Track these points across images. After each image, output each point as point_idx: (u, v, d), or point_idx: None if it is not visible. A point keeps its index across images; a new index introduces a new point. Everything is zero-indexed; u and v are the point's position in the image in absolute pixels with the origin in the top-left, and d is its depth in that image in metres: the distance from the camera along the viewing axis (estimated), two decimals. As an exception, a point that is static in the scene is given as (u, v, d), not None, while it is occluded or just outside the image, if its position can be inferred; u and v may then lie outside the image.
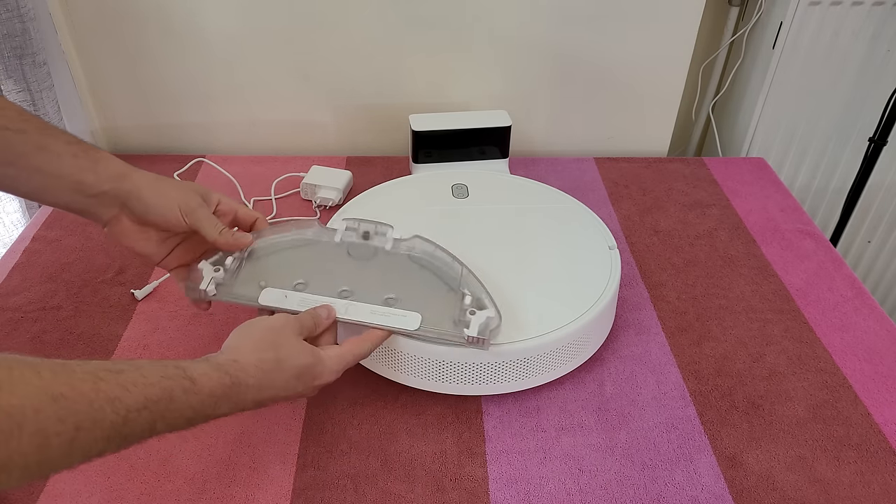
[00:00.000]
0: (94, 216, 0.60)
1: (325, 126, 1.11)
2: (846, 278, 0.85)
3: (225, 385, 0.49)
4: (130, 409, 0.42)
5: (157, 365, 0.46)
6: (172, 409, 0.45)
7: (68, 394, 0.39)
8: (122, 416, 0.42)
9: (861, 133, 1.18)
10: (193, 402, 0.47)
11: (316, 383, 0.55)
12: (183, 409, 0.46)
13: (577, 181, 1.04)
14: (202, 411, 0.48)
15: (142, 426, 0.43)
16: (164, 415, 0.45)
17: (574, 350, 0.67)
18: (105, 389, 0.41)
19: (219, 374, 0.49)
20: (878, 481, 0.61)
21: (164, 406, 0.44)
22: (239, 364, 0.51)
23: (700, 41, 1.09)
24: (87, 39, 1.01)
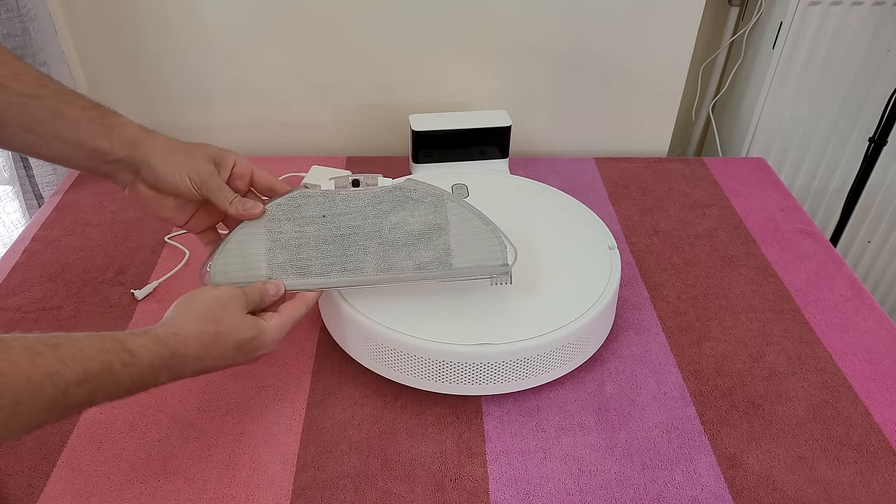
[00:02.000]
0: (114, 180, 0.61)
1: (325, 126, 1.11)
2: (846, 278, 0.85)
3: (164, 357, 0.50)
4: (70, 383, 0.43)
5: (94, 338, 0.46)
6: (112, 382, 0.46)
7: (7, 370, 0.40)
8: (61, 389, 0.42)
9: (861, 133, 1.18)
10: (133, 374, 0.48)
11: (256, 354, 0.57)
12: (122, 380, 0.47)
13: (577, 181, 1.04)
14: (141, 381, 0.49)
15: (81, 398, 0.44)
16: (104, 387, 0.46)
17: (574, 350, 0.67)
18: (43, 364, 0.42)
19: (157, 347, 0.49)
20: (878, 481, 0.61)
21: (103, 379, 0.45)
22: (179, 337, 0.51)
23: (700, 41, 1.09)
24: (87, 39, 1.01)
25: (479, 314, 0.66)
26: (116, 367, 0.46)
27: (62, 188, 0.99)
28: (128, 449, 0.63)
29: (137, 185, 0.61)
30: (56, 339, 0.44)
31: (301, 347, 0.73)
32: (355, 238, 0.63)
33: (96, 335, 0.47)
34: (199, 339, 0.53)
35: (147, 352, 0.49)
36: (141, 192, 0.62)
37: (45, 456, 0.62)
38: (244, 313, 0.56)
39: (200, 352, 0.53)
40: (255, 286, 0.60)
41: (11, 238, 0.95)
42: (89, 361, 0.45)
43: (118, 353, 0.47)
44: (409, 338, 0.63)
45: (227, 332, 0.54)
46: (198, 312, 0.54)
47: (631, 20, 1.02)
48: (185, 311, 0.55)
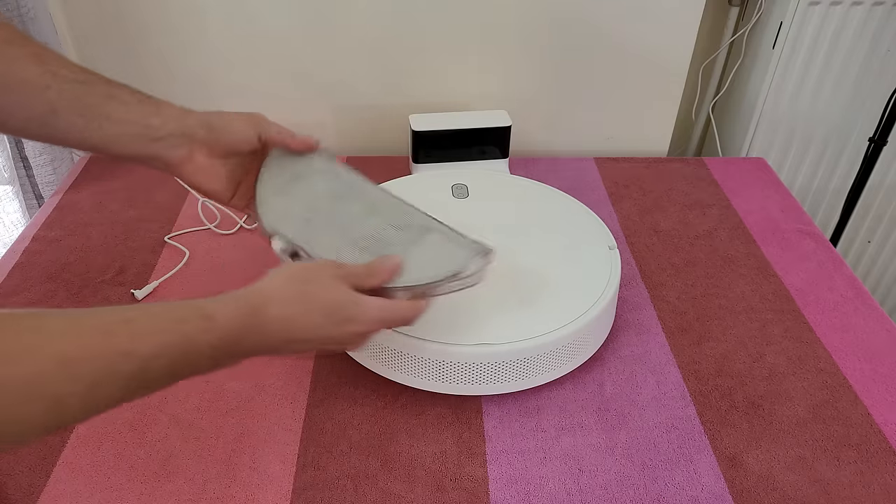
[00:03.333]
0: (164, 160, 0.60)
1: (325, 126, 1.11)
2: (846, 278, 0.85)
3: (244, 315, 0.47)
4: (146, 359, 0.41)
5: (170, 308, 0.44)
6: (192, 352, 0.44)
7: (78, 354, 0.38)
8: (137, 366, 0.41)
9: (861, 133, 1.18)
10: (213, 341, 0.45)
11: (350, 328, 0.51)
12: (203, 349, 0.44)
13: (577, 181, 1.04)
14: (223, 349, 0.46)
15: (161, 372, 0.42)
16: (185, 359, 0.44)
17: (574, 350, 0.67)
18: (116, 343, 0.40)
19: (236, 305, 0.47)
20: (878, 481, 0.61)
21: (182, 350, 0.43)
22: (261, 293, 0.48)
23: (700, 41, 1.09)
24: (87, 39, 1.01)
25: (479, 314, 0.66)
26: (195, 336, 0.44)
27: (62, 188, 0.99)
28: (128, 449, 0.63)
29: (192, 157, 0.60)
30: (130, 312, 0.42)
31: (301, 347, 0.73)
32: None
33: (173, 304, 0.45)
34: (284, 296, 0.49)
35: (226, 314, 0.46)
36: (195, 165, 0.61)
37: (45, 456, 0.62)
38: (337, 279, 0.51)
39: (285, 311, 0.49)
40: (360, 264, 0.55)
41: (11, 238, 0.95)
42: (165, 333, 0.42)
43: (196, 320, 0.44)
44: (409, 338, 0.63)
45: (314, 291, 0.50)
46: (286, 275, 0.51)
47: (631, 20, 1.02)
48: (274, 274, 0.51)
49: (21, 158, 0.96)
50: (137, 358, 0.41)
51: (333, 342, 0.52)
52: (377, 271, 0.54)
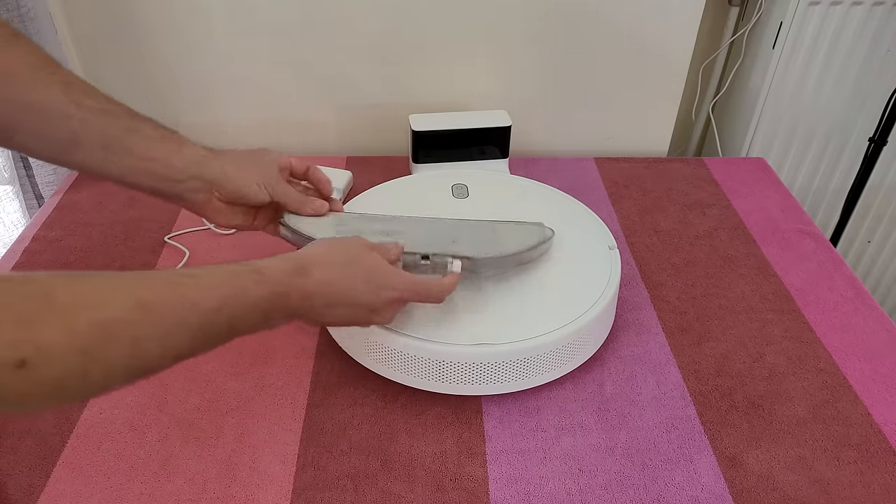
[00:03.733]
0: (185, 201, 0.63)
1: (325, 126, 1.11)
2: (846, 278, 0.85)
3: (291, 272, 0.50)
4: (209, 311, 0.44)
5: (225, 266, 0.48)
6: (247, 305, 0.47)
7: (154, 300, 0.41)
8: (203, 319, 0.44)
9: (861, 133, 1.18)
10: (264, 293, 0.48)
11: (387, 294, 0.55)
12: (256, 301, 0.47)
13: (577, 181, 1.04)
14: (273, 302, 0.49)
15: (221, 326, 0.45)
16: (241, 312, 0.47)
17: (574, 350, 0.67)
18: (185, 294, 0.43)
19: (284, 262, 0.51)
20: (878, 481, 0.61)
21: (238, 302, 0.46)
22: (308, 256, 0.53)
23: (700, 41, 1.09)
24: (87, 39, 1.01)
25: (479, 314, 0.66)
26: (249, 287, 0.47)
27: (62, 188, 0.99)
28: (128, 449, 0.63)
29: (211, 201, 0.63)
30: (191, 270, 0.46)
31: (301, 347, 0.73)
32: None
33: (226, 265, 0.48)
34: (329, 260, 0.53)
35: (275, 269, 0.50)
36: (214, 207, 0.64)
37: (45, 456, 0.62)
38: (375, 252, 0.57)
39: (328, 274, 0.53)
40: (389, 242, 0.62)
41: (11, 238, 0.95)
42: (224, 286, 0.46)
43: (249, 273, 0.48)
44: (408, 338, 0.63)
45: (356, 256, 0.55)
46: (328, 243, 0.56)
47: (631, 20, 1.02)
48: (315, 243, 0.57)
49: (21, 158, 0.96)
50: (202, 311, 0.44)
51: (369, 309, 0.55)
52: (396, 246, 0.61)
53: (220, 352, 0.72)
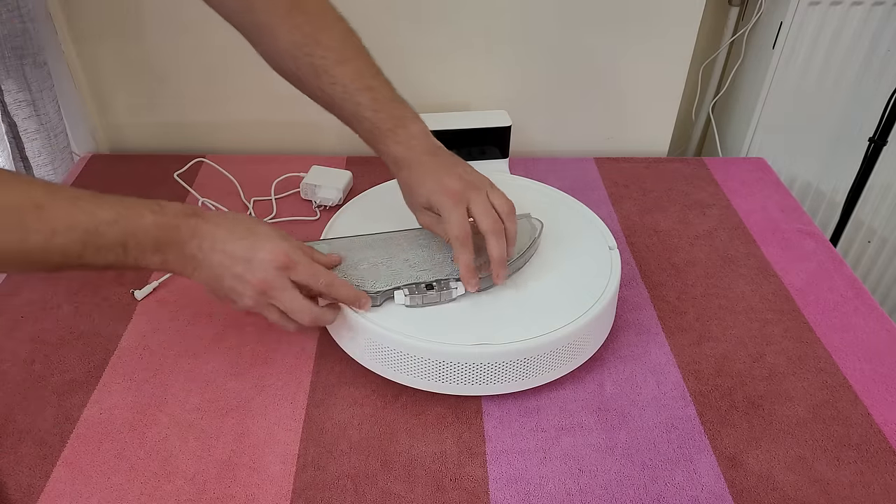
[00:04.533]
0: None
1: (325, 126, 1.11)
2: (846, 278, 0.85)
3: (186, 215, 0.56)
4: (102, 222, 0.51)
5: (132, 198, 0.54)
6: (141, 227, 0.53)
7: (49, 204, 0.49)
8: (94, 225, 0.50)
9: (861, 133, 1.18)
10: (159, 220, 0.54)
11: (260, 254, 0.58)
12: (149, 227, 0.54)
13: (577, 181, 1.04)
14: (165, 231, 0.55)
15: (113, 237, 0.52)
16: (134, 231, 0.53)
17: (574, 350, 0.67)
18: (82, 205, 0.50)
19: (183, 206, 0.57)
20: (878, 481, 0.61)
21: (133, 223, 0.52)
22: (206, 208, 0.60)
23: (700, 41, 1.09)
24: (87, 39, 1.01)
25: (479, 314, 0.66)
26: (145, 213, 0.53)
27: (62, 188, 0.98)
28: (128, 449, 0.63)
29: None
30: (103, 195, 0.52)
31: (301, 347, 0.73)
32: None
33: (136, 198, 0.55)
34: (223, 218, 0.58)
35: (173, 207, 0.56)
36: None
37: (45, 456, 0.62)
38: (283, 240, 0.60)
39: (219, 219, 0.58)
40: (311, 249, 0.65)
41: (11, 238, 0.95)
42: (122, 206, 0.52)
43: (150, 203, 0.54)
44: (409, 338, 0.63)
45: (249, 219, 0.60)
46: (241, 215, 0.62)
47: (631, 20, 1.02)
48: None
49: (21, 158, 0.96)
50: (95, 218, 0.50)
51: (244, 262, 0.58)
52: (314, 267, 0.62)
53: (220, 352, 0.72)
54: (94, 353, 0.72)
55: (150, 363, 0.71)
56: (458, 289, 0.66)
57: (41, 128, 0.95)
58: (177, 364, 0.71)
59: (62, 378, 0.70)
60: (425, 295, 0.66)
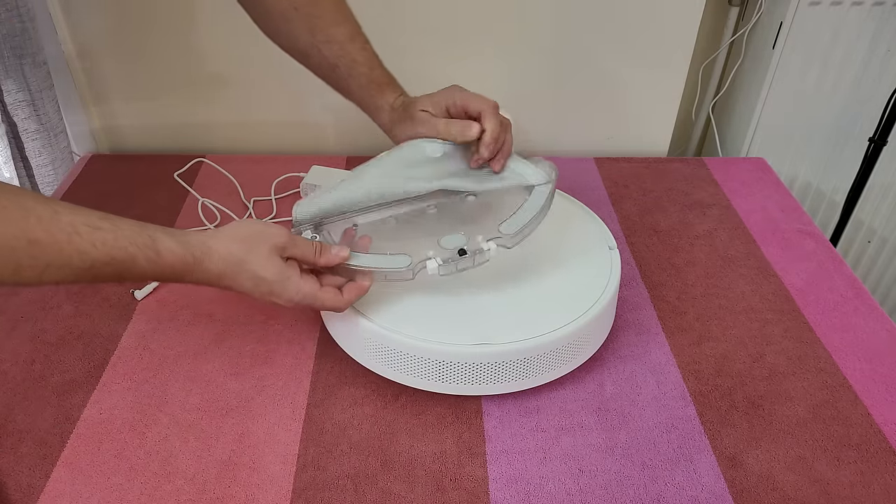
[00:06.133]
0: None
1: (324, 126, 1.11)
2: (846, 278, 0.85)
3: (187, 263, 0.55)
4: (96, 262, 0.50)
5: (133, 229, 0.53)
6: (134, 271, 0.53)
7: (43, 240, 0.48)
8: (88, 264, 0.50)
9: (861, 133, 1.18)
10: (155, 270, 0.54)
11: (270, 297, 0.59)
12: (144, 272, 0.53)
13: (577, 181, 1.04)
14: (162, 277, 0.55)
15: (108, 274, 0.52)
16: (129, 272, 0.53)
17: (574, 350, 0.67)
18: (77, 243, 0.49)
19: (183, 252, 0.55)
20: (878, 481, 0.61)
21: (127, 267, 0.52)
22: (208, 249, 0.56)
23: (700, 41, 1.09)
24: (87, 39, 1.01)
25: (479, 314, 0.66)
26: (140, 262, 0.53)
27: (62, 188, 0.99)
28: (128, 449, 0.63)
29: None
30: (101, 222, 0.51)
31: (301, 347, 0.73)
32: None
33: (136, 227, 0.53)
34: (225, 259, 0.56)
35: (172, 255, 0.54)
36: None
37: (45, 456, 0.62)
38: (275, 255, 0.58)
39: (222, 269, 0.57)
40: (310, 241, 0.62)
41: (11, 238, 0.95)
42: (118, 250, 0.51)
43: (146, 249, 0.53)
44: (409, 338, 0.63)
45: (250, 262, 0.57)
46: (238, 234, 0.58)
47: (631, 20, 1.02)
48: (230, 228, 0.59)
49: (21, 158, 0.96)
50: (90, 259, 0.50)
51: (261, 301, 0.59)
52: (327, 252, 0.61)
53: (220, 352, 0.72)
54: (94, 353, 0.72)
55: (150, 363, 0.71)
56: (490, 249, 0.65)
57: (41, 128, 0.95)
58: (177, 364, 0.71)
59: (62, 378, 0.70)
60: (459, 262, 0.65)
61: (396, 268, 0.63)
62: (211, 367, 0.71)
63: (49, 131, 0.96)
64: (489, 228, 0.66)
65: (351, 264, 0.62)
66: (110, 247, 0.51)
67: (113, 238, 0.51)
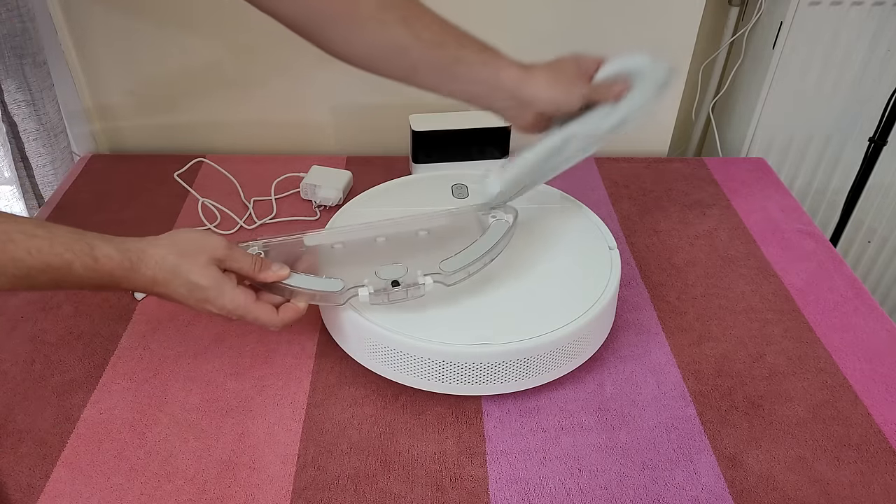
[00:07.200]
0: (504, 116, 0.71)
1: (325, 126, 1.11)
2: (846, 278, 0.85)
3: (124, 268, 0.55)
4: (32, 269, 0.51)
5: (69, 236, 0.53)
6: (71, 278, 0.53)
7: None
8: (24, 272, 0.51)
9: (861, 133, 1.18)
10: (92, 277, 0.54)
11: (207, 307, 0.58)
12: (81, 280, 0.53)
13: (577, 181, 1.04)
14: (100, 285, 0.55)
15: (44, 282, 0.52)
16: (66, 280, 0.53)
17: (574, 350, 0.67)
18: (11, 251, 0.50)
19: (120, 258, 0.55)
20: (878, 481, 0.61)
21: (63, 274, 0.52)
22: (144, 254, 0.56)
23: (700, 41, 1.09)
24: (87, 39, 1.01)
25: (479, 314, 0.66)
26: (77, 269, 0.53)
27: (62, 188, 0.99)
28: (128, 449, 0.63)
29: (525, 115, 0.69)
30: (37, 230, 0.52)
31: (301, 347, 0.73)
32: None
33: (73, 234, 0.53)
34: (160, 265, 0.56)
35: (109, 261, 0.54)
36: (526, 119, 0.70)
37: (45, 456, 0.62)
38: (212, 265, 0.58)
39: (157, 275, 0.56)
40: (251, 255, 0.61)
41: (11, 238, 0.95)
42: (54, 257, 0.52)
43: (83, 256, 0.53)
44: (409, 338, 0.63)
45: (186, 269, 0.57)
46: (175, 242, 0.58)
47: (631, 20, 1.02)
48: (169, 235, 0.59)
49: (21, 158, 0.96)
50: (25, 266, 0.51)
51: (195, 309, 0.59)
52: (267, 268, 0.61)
53: (220, 352, 0.73)
54: (94, 353, 0.72)
55: (150, 363, 0.71)
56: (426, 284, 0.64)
57: (41, 128, 0.95)
58: (177, 364, 0.71)
59: (62, 378, 0.70)
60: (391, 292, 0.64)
61: (328, 291, 0.63)
62: (211, 367, 0.71)
63: (49, 131, 0.96)
64: (432, 264, 0.65)
65: (286, 283, 0.62)
66: (46, 254, 0.51)
67: (49, 245, 0.51)
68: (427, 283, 0.64)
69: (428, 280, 0.64)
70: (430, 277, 0.64)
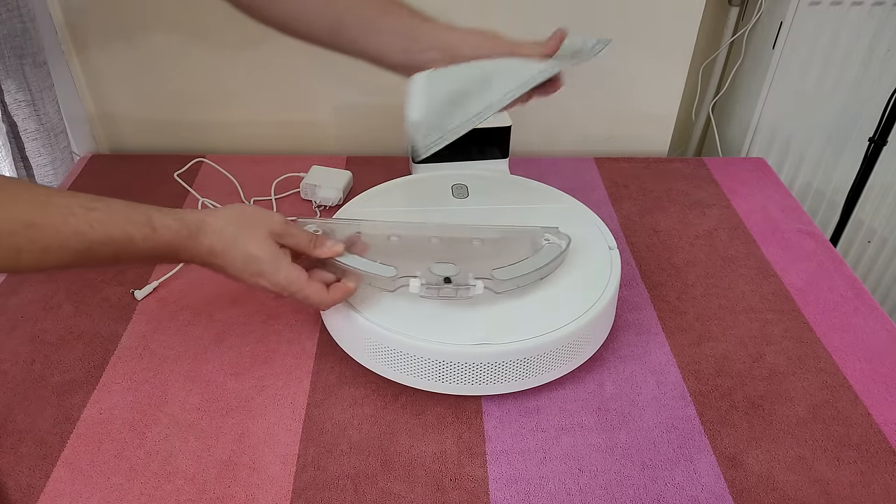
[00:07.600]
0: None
1: (325, 126, 1.11)
2: (846, 278, 0.85)
3: (182, 237, 0.55)
4: (94, 242, 0.51)
5: (127, 208, 0.53)
6: (132, 249, 0.53)
7: (40, 223, 0.48)
8: (85, 245, 0.50)
9: (861, 133, 1.18)
10: (151, 247, 0.54)
11: (257, 280, 0.58)
12: (142, 250, 0.54)
13: (577, 181, 1.04)
14: (159, 254, 0.55)
15: (106, 255, 0.52)
16: (126, 252, 0.53)
17: (574, 350, 0.67)
18: (73, 224, 0.50)
19: (179, 227, 0.55)
20: (878, 481, 0.61)
21: (124, 246, 0.52)
22: (204, 223, 0.56)
23: (700, 41, 1.09)
24: (87, 39, 1.01)
25: (479, 314, 0.66)
26: (137, 239, 0.53)
27: (62, 188, 0.99)
28: (128, 449, 0.63)
29: None
30: (94, 203, 0.51)
31: (301, 347, 0.73)
32: None
33: (130, 206, 0.53)
34: (218, 234, 0.57)
35: (168, 231, 0.54)
36: None
37: (45, 456, 0.62)
38: (270, 238, 0.59)
39: (216, 245, 0.57)
40: (307, 231, 0.63)
41: (11, 238, 0.95)
42: (114, 228, 0.52)
43: (142, 227, 0.53)
44: (409, 338, 0.63)
45: (243, 241, 0.57)
46: (235, 214, 0.59)
47: (631, 20, 1.02)
48: (228, 208, 0.59)
49: (21, 158, 0.96)
50: (87, 240, 0.50)
51: (244, 282, 0.59)
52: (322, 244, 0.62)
53: (220, 352, 0.73)
54: (94, 353, 0.72)
55: (150, 363, 0.71)
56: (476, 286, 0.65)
57: (41, 128, 0.95)
58: (177, 364, 0.71)
59: (62, 378, 0.70)
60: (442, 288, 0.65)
61: (381, 275, 0.64)
62: (211, 367, 0.71)
63: (49, 131, 0.96)
64: (484, 270, 0.66)
65: (341, 261, 0.63)
66: (107, 226, 0.51)
67: (109, 217, 0.51)
68: (477, 286, 0.65)
69: (479, 284, 0.65)
70: (481, 282, 0.65)
